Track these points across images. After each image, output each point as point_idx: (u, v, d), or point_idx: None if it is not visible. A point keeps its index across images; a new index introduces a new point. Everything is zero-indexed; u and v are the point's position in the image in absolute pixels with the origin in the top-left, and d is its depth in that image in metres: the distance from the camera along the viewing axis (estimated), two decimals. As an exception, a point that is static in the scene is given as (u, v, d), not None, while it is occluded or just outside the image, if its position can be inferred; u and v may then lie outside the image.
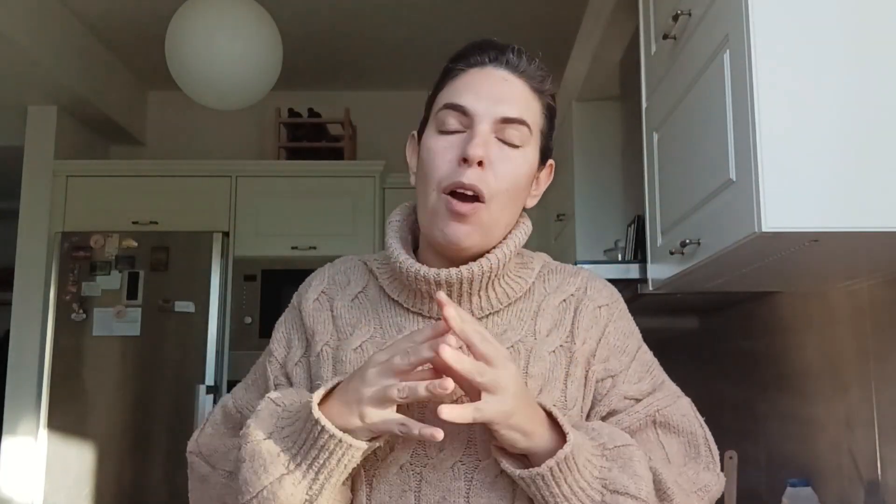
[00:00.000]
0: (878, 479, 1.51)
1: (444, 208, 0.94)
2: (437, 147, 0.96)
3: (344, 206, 3.95)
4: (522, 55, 0.98)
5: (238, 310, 3.87)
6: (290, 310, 1.07)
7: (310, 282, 1.07)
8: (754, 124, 1.18)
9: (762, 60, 1.19)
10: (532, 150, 0.98)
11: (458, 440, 0.91)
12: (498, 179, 0.94)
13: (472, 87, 0.96)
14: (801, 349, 1.86)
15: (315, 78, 4.36)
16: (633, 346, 1.03)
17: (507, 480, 0.90)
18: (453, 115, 0.96)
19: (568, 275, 1.05)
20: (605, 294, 1.04)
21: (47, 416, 3.66)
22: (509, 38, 1.02)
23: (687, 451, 0.99)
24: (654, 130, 1.80)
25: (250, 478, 0.86)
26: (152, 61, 3.91)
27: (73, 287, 3.75)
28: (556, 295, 1.02)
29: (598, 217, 2.86)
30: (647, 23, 1.88)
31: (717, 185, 1.34)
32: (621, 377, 0.99)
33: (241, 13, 2.93)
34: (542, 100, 1.00)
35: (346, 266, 1.08)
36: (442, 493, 0.89)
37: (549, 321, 0.99)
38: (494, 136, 0.95)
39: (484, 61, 0.98)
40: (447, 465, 0.90)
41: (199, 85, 2.98)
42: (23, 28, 3.28)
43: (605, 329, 1.01)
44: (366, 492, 0.91)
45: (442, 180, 0.94)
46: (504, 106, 0.95)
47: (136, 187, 3.99)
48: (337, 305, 1.02)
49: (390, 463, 0.91)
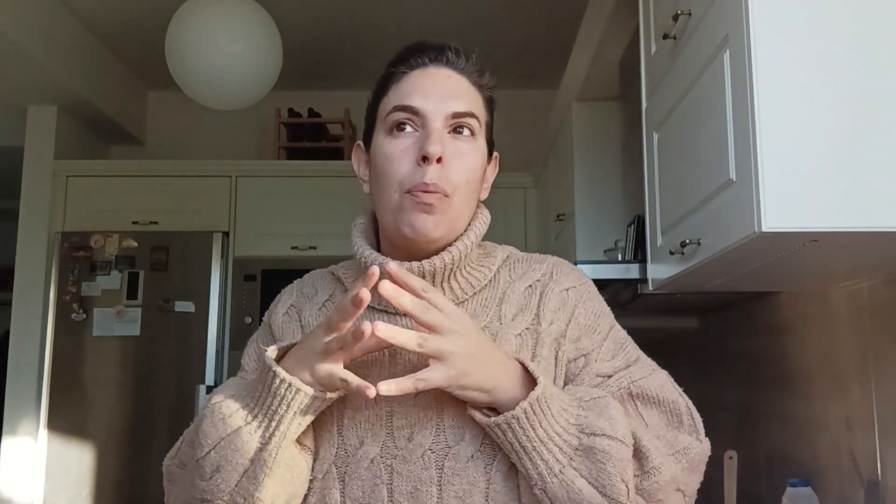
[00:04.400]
0: (878, 479, 1.51)
1: (410, 203, 0.95)
2: (392, 150, 0.97)
3: (344, 206, 3.95)
4: (460, 53, 1.01)
5: (238, 310, 3.87)
6: (262, 326, 1.11)
7: (279, 298, 1.12)
8: (754, 124, 1.18)
9: (762, 60, 1.19)
10: (481, 142, 1.01)
11: (427, 428, 0.92)
12: (456, 174, 0.96)
13: (419, 87, 0.98)
14: (801, 349, 1.86)
15: (315, 78, 4.36)
16: (604, 325, 1.03)
17: (478, 464, 0.90)
18: (404, 116, 0.97)
19: (534, 262, 1.06)
20: (572, 277, 1.05)
21: (47, 416, 3.66)
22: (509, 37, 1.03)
23: (669, 420, 0.98)
24: (654, 130, 1.80)
25: (209, 430, 0.89)
26: (152, 61, 3.91)
27: (73, 287, 3.75)
28: (522, 281, 1.03)
29: (598, 217, 2.86)
30: (647, 23, 1.88)
31: (717, 185, 1.34)
32: (594, 355, 1.00)
33: (241, 13, 2.93)
34: (483, 93, 1.02)
35: (313, 279, 1.12)
36: (414, 483, 0.90)
37: (515, 306, 1.00)
38: (447, 132, 0.97)
39: (425, 62, 1.00)
40: (417, 454, 0.91)
41: (198, 85, 2.98)
42: (23, 28, 3.28)
43: (574, 310, 1.01)
44: (339, 488, 0.92)
45: (403, 181, 0.95)
46: (453, 102, 0.97)
47: (136, 187, 3.99)
48: (305, 315, 1.06)
49: (361, 458, 0.92)
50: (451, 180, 0.95)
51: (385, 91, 1.01)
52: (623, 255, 2.34)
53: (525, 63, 4.12)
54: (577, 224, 2.88)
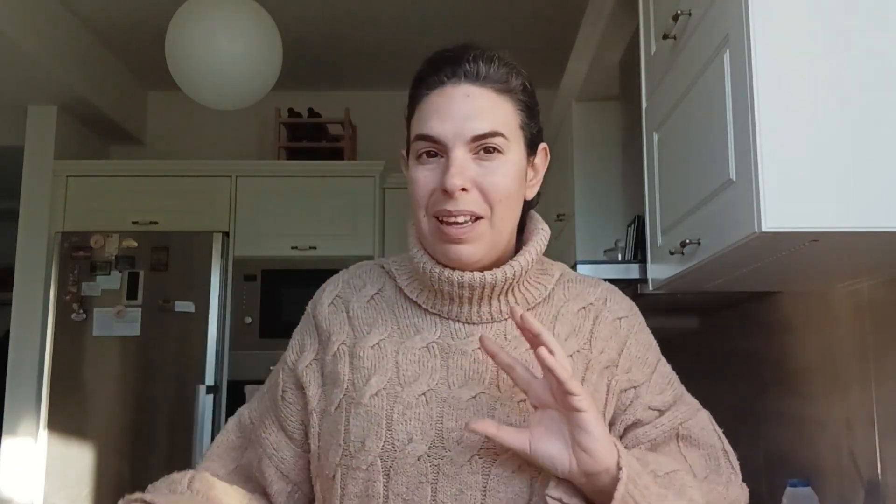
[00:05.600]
0: (878, 479, 1.51)
1: (441, 230, 0.94)
2: (418, 177, 0.96)
3: (344, 206, 3.95)
4: (479, 60, 0.96)
5: (238, 310, 3.87)
6: (305, 317, 1.09)
7: (324, 288, 1.09)
8: (754, 124, 1.18)
9: (762, 60, 1.19)
10: (515, 151, 0.97)
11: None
12: (488, 195, 0.94)
13: (437, 111, 0.95)
14: (801, 349, 1.86)
15: (315, 78, 4.36)
16: (653, 358, 1.04)
17: (524, 476, 0.90)
18: (426, 146, 0.95)
19: (588, 285, 1.06)
20: (624, 307, 1.05)
21: (47, 416, 3.66)
22: (509, 37, 1.02)
23: (707, 463, 1.00)
24: (654, 130, 1.80)
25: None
26: (152, 61, 3.91)
27: (73, 287, 3.75)
28: (576, 302, 1.02)
29: (598, 217, 2.86)
30: (647, 23, 1.88)
31: (717, 185, 1.34)
32: (644, 388, 1.00)
33: (241, 13, 2.93)
34: (513, 96, 0.98)
35: (361, 270, 1.09)
36: (459, 486, 0.90)
37: (568, 327, 1.00)
38: (471, 154, 0.94)
39: (442, 80, 0.96)
40: (465, 458, 0.90)
41: (198, 85, 2.98)
42: (23, 28, 3.28)
43: (626, 340, 1.02)
44: (383, 482, 0.91)
45: (429, 206, 0.95)
46: (472, 123, 0.93)
47: (136, 187, 3.99)
48: (353, 307, 1.03)
49: (408, 454, 0.91)
50: (480, 204, 0.94)
51: (412, 111, 1.00)
52: (623, 255, 2.34)
53: (525, 63, 4.09)
54: (577, 224, 2.88)
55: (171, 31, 2.96)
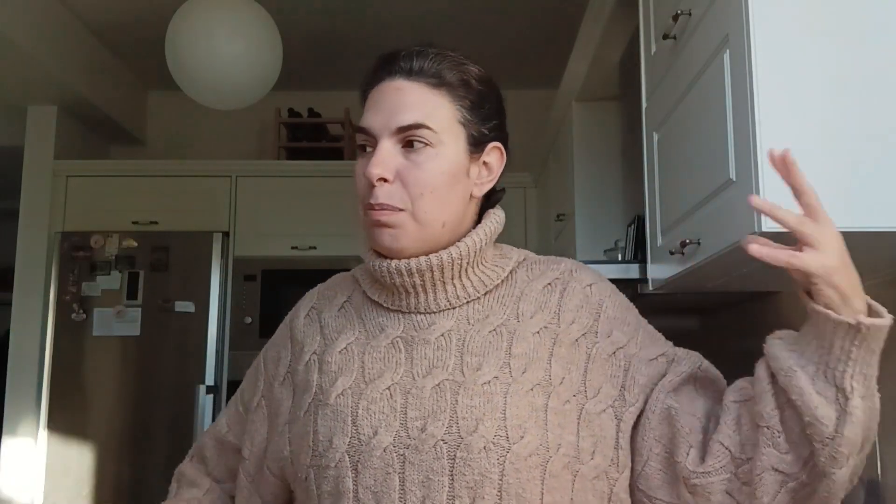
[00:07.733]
0: (878, 479, 1.51)
1: (370, 220, 0.98)
2: (356, 170, 1.01)
3: (344, 206, 3.95)
4: (413, 56, 0.99)
5: (238, 310, 3.87)
6: (281, 327, 1.14)
7: (301, 301, 1.14)
8: (754, 124, 1.18)
9: (762, 60, 1.19)
10: (450, 145, 0.98)
11: (440, 420, 0.92)
12: (411, 187, 0.96)
13: (371, 105, 1.00)
14: (801, 349, 1.86)
15: (315, 78, 4.36)
16: (632, 317, 1.06)
17: (491, 455, 0.90)
18: (362, 138, 1.00)
19: (551, 262, 1.07)
20: (592, 275, 1.06)
21: (47, 416, 3.66)
22: (509, 37, 1.02)
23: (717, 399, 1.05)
24: (654, 130, 1.80)
25: None
26: (152, 61, 3.90)
27: (73, 287, 3.75)
28: (540, 280, 1.04)
29: (598, 217, 2.86)
30: (647, 23, 1.88)
31: (717, 185, 1.34)
32: (632, 346, 1.02)
33: (241, 13, 2.93)
34: (451, 91, 0.99)
35: (334, 282, 1.14)
36: (425, 472, 0.91)
37: (533, 304, 1.01)
38: (400, 146, 0.97)
39: (381, 77, 1.00)
40: (429, 444, 0.91)
41: (198, 85, 2.99)
42: (23, 28, 3.28)
43: (601, 304, 1.03)
44: (352, 477, 0.93)
45: (362, 199, 0.99)
46: (398, 116, 0.96)
47: (136, 187, 3.99)
48: (324, 317, 1.07)
49: (374, 447, 0.93)
50: (402, 196, 0.96)
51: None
52: (623, 255, 2.34)
53: (525, 63, 4.11)
54: (577, 224, 2.88)
55: (171, 32, 2.96)
